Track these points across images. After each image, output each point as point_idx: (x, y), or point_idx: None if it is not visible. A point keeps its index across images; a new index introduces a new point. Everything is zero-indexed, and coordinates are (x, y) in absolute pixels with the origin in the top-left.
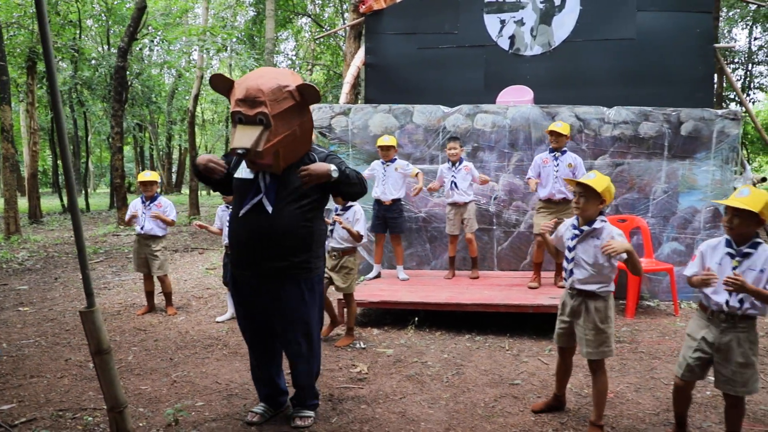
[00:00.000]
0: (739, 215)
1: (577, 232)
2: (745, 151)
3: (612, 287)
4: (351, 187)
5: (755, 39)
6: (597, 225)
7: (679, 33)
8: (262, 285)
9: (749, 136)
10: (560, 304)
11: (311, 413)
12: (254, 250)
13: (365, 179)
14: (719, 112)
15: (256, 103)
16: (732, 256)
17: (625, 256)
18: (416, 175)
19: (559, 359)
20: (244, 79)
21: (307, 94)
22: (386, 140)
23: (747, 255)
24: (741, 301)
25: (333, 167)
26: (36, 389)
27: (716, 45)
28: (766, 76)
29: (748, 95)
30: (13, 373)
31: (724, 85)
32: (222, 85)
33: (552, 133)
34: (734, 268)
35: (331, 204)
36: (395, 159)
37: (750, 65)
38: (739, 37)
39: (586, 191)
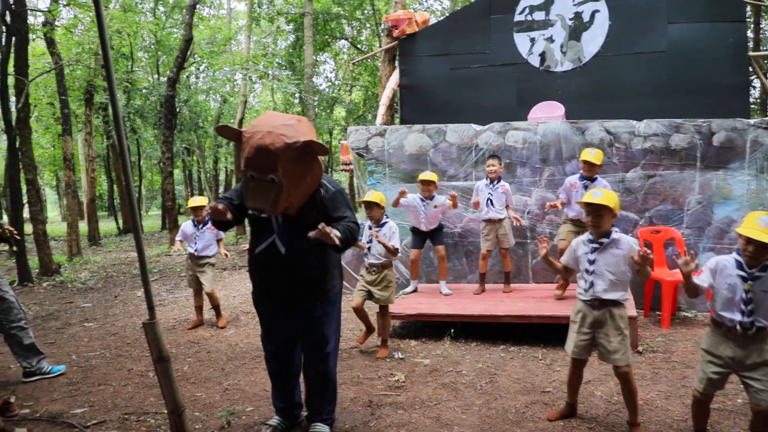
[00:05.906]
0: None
1: (596, 245)
2: None
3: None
4: (347, 244)
5: None
6: (615, 236)
7: (712, 43)
8: (283, 310)
9: None
10: (578, 317)
11: (326, 428)
12: (272, 286)
13: (357, 231)
14: (752, 121)
15: (266, 167)
16: (744, 279)
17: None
18: (452, 198)
19: (573, 370)
20: (252, 134)
21: (316, 148)
22: (427, 175)
23: (757, 278)
24: (751, 319)
25: (339, 236)
26: (104, 395)
27: (751, 53)
28: None
29: None
30: (83, 381)
31: None
32: (229, 135)
33: (585, 162)
34: (747, 291)
35: (364, 219)
36: (434, 196)
37: None
38: None
39: (601, 209)
